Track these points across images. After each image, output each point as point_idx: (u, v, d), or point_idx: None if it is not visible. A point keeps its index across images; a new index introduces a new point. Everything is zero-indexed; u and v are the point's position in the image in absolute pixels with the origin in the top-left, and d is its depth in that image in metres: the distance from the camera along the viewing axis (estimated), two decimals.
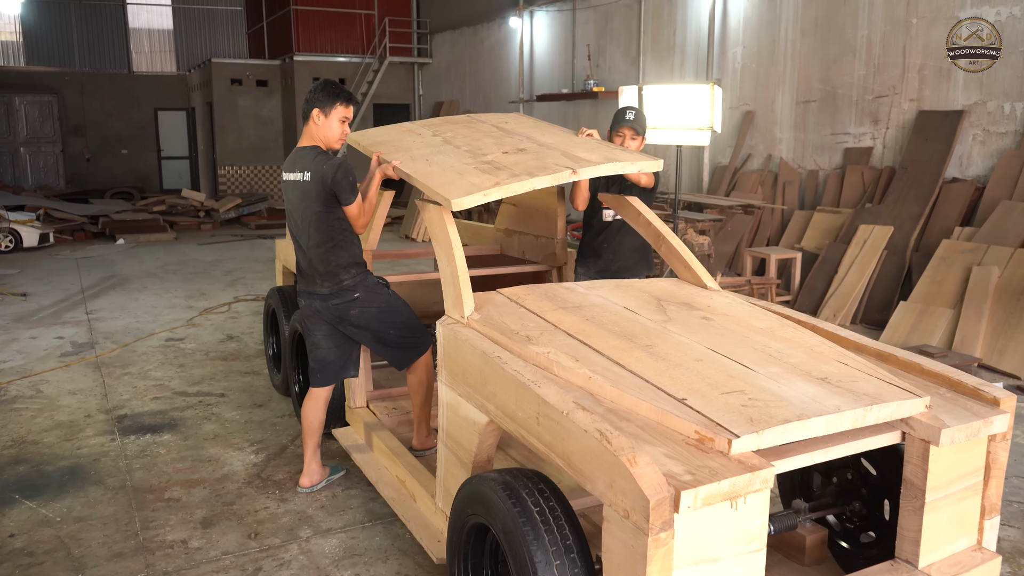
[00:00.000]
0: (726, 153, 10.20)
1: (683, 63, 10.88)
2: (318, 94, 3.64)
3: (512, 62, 14.69)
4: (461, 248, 3.26)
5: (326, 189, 3.54)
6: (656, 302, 3.31)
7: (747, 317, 3.18)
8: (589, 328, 2.94)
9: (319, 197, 3.56)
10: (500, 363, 2.67)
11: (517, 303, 3.24)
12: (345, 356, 3.86)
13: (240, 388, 5.51)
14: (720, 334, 2.94)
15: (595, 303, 3.25)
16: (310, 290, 3.72)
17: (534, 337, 2.85)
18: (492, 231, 5.52)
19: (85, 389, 5.49)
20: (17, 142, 19.88)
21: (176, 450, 4.47)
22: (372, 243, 4.28)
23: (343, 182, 3.54)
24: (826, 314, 7.52)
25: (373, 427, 4.12)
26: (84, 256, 11.15)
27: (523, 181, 3.30)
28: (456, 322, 3.10)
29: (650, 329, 2.95)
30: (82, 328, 7.16)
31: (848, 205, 8.48)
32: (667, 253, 3.75)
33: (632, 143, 4.19)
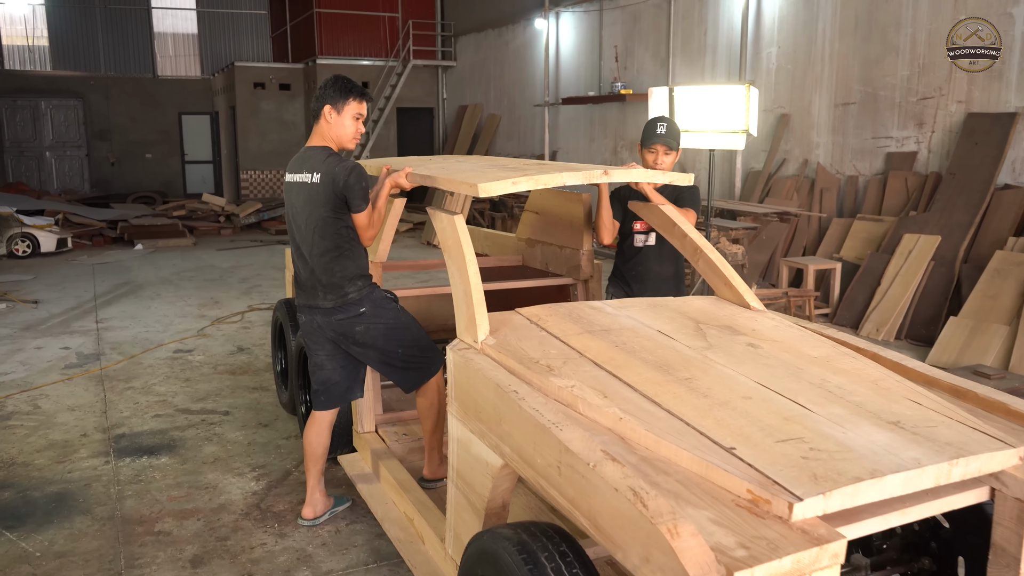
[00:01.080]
0: (759, 158, 9.78)
1: (714, 64, 10.48)
2: (329, 90, 3.35)
3: (537, 64, 14.37)
4: (475, 263, 2.92)
5: (336, 193, 3.24)
6: (694, 325, 2.94)
7: (798, 344, 2.81)
8: (619, 357, 2.59)
9: (328, 201, 3.25)
10: (516, 399, 2.32)
11: (538, 325, 2.90)
12: (351, 377, 3.54)
13: (246, 405, 5.21)
14: (769, 365, 2.57)
15: (625, 326, 2.90)
16: (311, 304, 3.40)
17: (556, 367, 2.51)
18: (513, 240, 5.18)
19: (85, 405, 5.22)
20: (43, 146, 19.91)
21: (172, 475, 4.17)
22: (382, 254, 3.96)
23: (356, 186, 3.23)
24: (868, 329, 7.09)
25: (381, 455, 3.79)
26: (101, 261, 10.98)
27: (553, 175, 2.97)
28: (468, 347, 2.76)
29: (689, 358, 2.59)
30: (90, 338, 6.93)
31: (890, 213, 8.04)
32: (705, 268, 3.39)
33: (666, 158, 3.84)
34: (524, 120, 15.07)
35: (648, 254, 3.95)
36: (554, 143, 14.10)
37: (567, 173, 3.03)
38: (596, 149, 12.98)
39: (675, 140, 3.83)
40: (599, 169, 3.13)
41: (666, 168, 3.84)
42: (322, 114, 3.35)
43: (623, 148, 12.29)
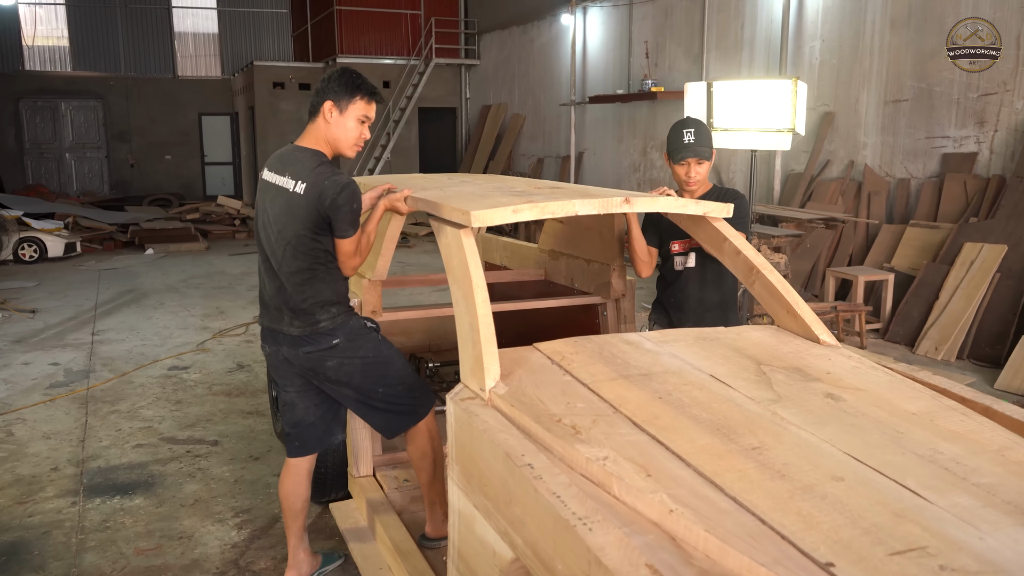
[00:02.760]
0: (801, 159, 9.13)
1: (752, 60, 9.85)
2: (333, 84, 2.79)
3: (564, 62, 13.79)
4: (485, 289, 2.37)
5: (320, 211, 2.68)
6: (755, 367, 2.37)
7: (889, 393, 2.23)
8: (664, 413, 2.03)
9: (308, 218, 2.70)
10: (531, 477, 1.77)
11: (561, 367, 2.34)
12: (328, 417, 3.01)
13: (238, 434, 4.70)
14: (859, 426, 2.00)
15: (670, 368, 2.33)
16: (275, 328, 2.86)
17: (584, 429, 1.95)
18: (535, 252, 4.61)
19: (62, 432, 4.75)
20: (63, 148, 19.67)
21: (144, 520, 3.67)
22: (382, 272, 3.42)
23: (344, 208, 2.67)
24: (926, 347, 6.44)
25: (377, 507, 3.25)
26: (108, 267, 10.58)
27: (563, 202, 2.45)
28: (473, 397, 2.21)
29: (754, 417, 2.02)
30: (82, 352, 6.47)
31: (947, 219, 7.37)
32: (763, 292, 2.81)
33: (699, 168, 3.27)
34: (549, 120, 14.50)
35: (688, 278, 3.38)
36: (580, 144, 13.52)
37: (580, 200, 2.50)
38: (625, 150, 12.39)
39: (707, 147, 3.25)
40: (619, 196, 2.59)
41: (700, 178, 3.30)
42: (321, 110, 2.80)
43: (653, 149, 11.68)
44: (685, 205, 2.84)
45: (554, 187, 3.17)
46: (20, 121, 19.10)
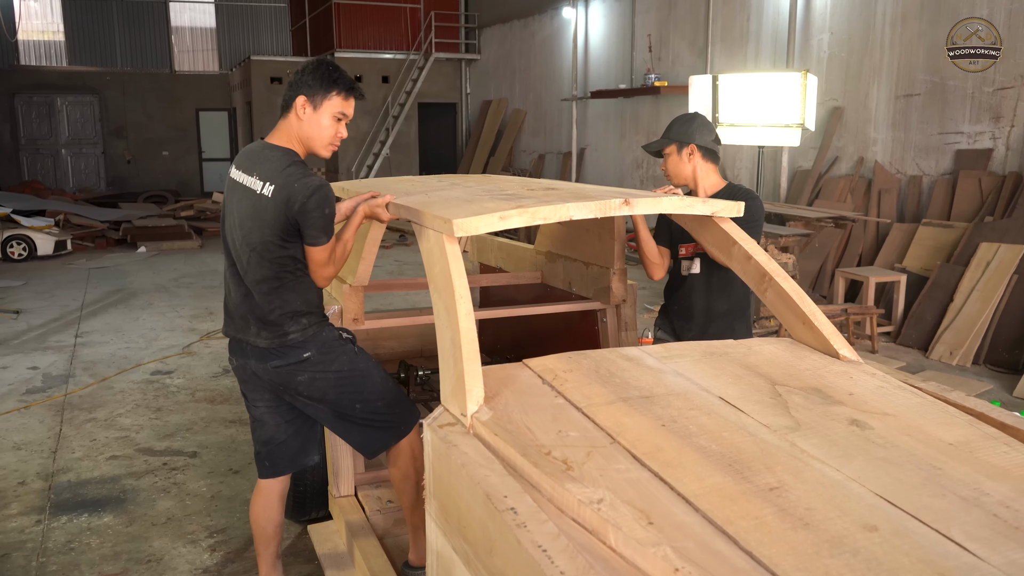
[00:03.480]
0: (809, 156, 8.87)
1: (758, 54, 9.58)
2: (307, 77, 2.51)
3: (565, 56, 13.53)
4: (469, 301, 2.13)
5: (289, 216, 2.42)
6: (769, 387, 2.13)
7: (920, 419, 1.98)
8: (668, 445, 1.78)
9: (276, 223, 2.45)
10: (514, 524, 1.52)
11: (552, 387, 2.10)
12: (302, 435, 2.77)
13: (218, 445, 4.47)
14: (891, 460, 1.75)
15: (674, 389, 2.09)
16: (242, 339, 2.62)
17: (576, 464, 1.71)
18: (531, 253, 4.37)
19: (34, 442, 4.52)
20: (59, 144, 19.47)
21: (112, 541, 3.43)
22: (363, 277, 3.18)
23: (315, 213, 2.41)
24: (940, 352, 6.19)
25: (357, 530, 3.01)
26: (98, 266, 10.34)
27: (556, 206, 2.21)
28: (453, 423, 1.97)
29: (770, 448, 1.78)
30: (63, 356, 6.24)
31: (961, 218, 7.11)
32: (776, 301, 2.56)
33: (666, 163, 3.12)
34: (551, 115, 14.24)
35: (693, 285, 3.14)
36: (582, 140, 13.27)
37: (575, 204, 2.26)
38: (627, 146, 12.13)
39: (667, 139, 3.09)
40: (617, 198, 2.34)
41: (671, 172, 3.12)
42: (293, 106, 2.53)
43: None
44: (691, 204, 2.59)
45: (549, 188, 2.93)
46: (15, 117, 18.89)
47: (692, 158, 3.06)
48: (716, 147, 3.11)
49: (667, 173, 3.14)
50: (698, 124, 3.08)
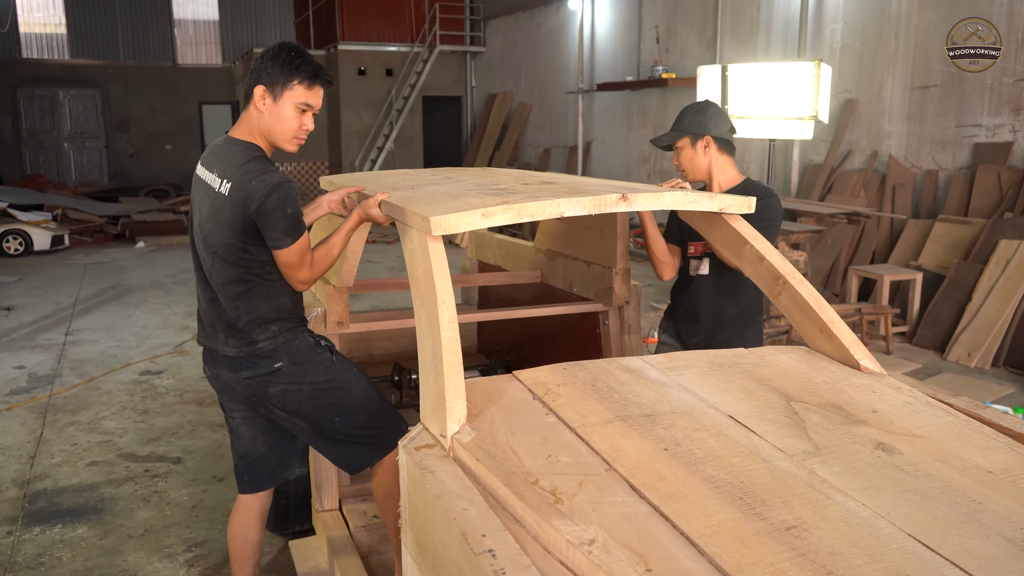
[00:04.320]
0: (820, 149, 8.62)
1: (768, 45, 9.33)
2: (267, 63, 2.28)
3: (571, 48, 13.28)
4: (453, 307, 1.93)
5: (247, 217, 2.21)
6: (784, 404, 1.92)
7: (953, 441, 1.78)
8: (671, 473, 1.58)
9: (235, 224, 2.23)
10: (491, 571, 1.32)
11: (544, 404, 1.90)
12: (281, 448, 2.58)
13: (204, 450, 4.28)
14: (923, 493, 1.54)
15: (678, 407, 1.88)
16: (212, 347, 2.43)
17: (566, 495, 1.51)
18: (531, 251, 4.16)
19: (12, 447, 4.34)
20: (61, 137, 19.30)
21: (84, 554, 3.25)
22: (347, 278, 2.98)
23: (275, 214, 2.19)
24: (957, 353, 5.96)
25: (339, 549, 2.82)
26: (95, 261, 10.18)
27: (545, 202, 2.00)
28: (432, 445, 1.77)
29: (786, 478, 1.57)
30: (52, 355, 6.07)
31: (979, 214, 6.87)
32: (790, 306, 2.35)
33: (678, 156, 2.92)
34: (556, 108, 14.01)
35: (700, 287, 2.93)
36: (588, 133, 13.03)
37: (566, 200, 2.05)
38: (634, 139, 11.89)
39: (676, 131, 2.88)
40: (614, 194, 2.12)
41: (684, 166, 2.91)
42: (252, 97, 2.31)
43: None
44: (696, 200, 2.37)
45: (545, 182, 2.71)
46: (17, 110, 18.73)
47: (708, 151, 2.85)
48: (732, 137, 2.90)
49: (680, 168, 2.93)
50: (712, 113, 2.86)
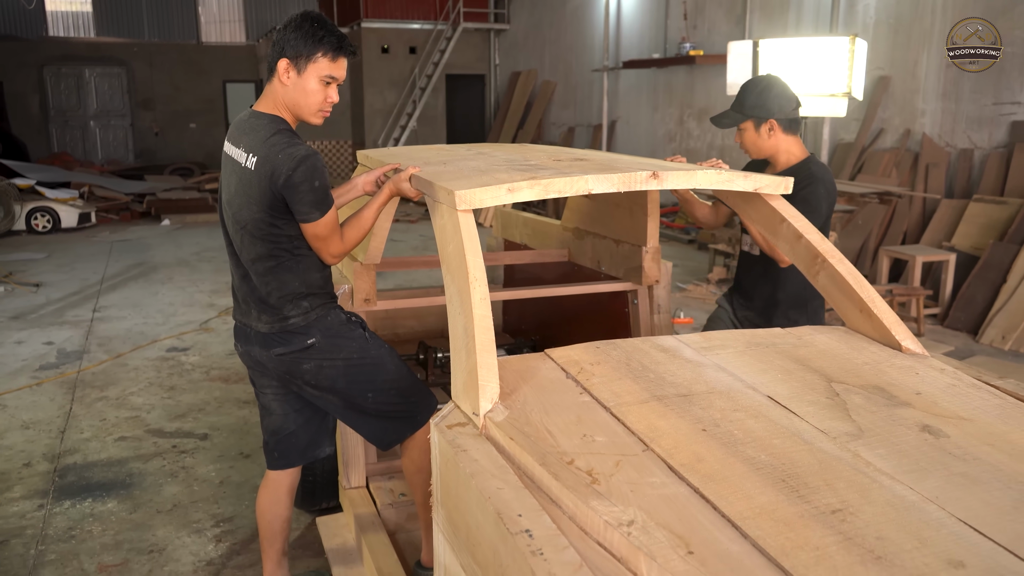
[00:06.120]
0: (851, 128, 8.46)
1: (799, 20, 9.14)
2: (290, 35, 2.24)
3: (597, 25, 13.12)
4: (485, 284, 1.89)
5: (274, 191, 2.19)
6: (824, 385, 1.87)
7: (1002, 424, 1.72)
8: (710, 454, 1.54)
9: (262, 199, 2.21)
10: (528, 551, 1.30)
11: (578, 383, 1.86)
12: (313, 425, 2.56)
13: (230, 427, 4.30)
14: (972, 476, 1.49)
15: (716, 386, 1.84)
16: (245, 323, 2.43)
17: (603, 476, 1.47)
18: (558, 229, 4.11)
19: (43, 421, 4.38)
20: (87, 115, 19.42)
21: (114, 529, 3.28)
22: (375, 254, 2.96)
23: (303, 187, 2.17)
24: (991, 336, 5.85)
25: (367, 525, 2.82)
26: (121, 239, 10.25)
27: (573, 178, 1.97)
28: (464, 423, 1.74)
29: (830, 460, 1.52)
30: (80, 331, 6.12)
31: (1016, 194, 6.71)
32: (829, 285, 2.29)
33: (741, 135, 2.87)
34: (581, 87, 13.87)
35: (752, 265, 2.89)
36: (613, 112, 12.89)
37: (594, 176, 2.01)
38: (660, 119, 11.75)
39: (740, 113, 2.79)
40: (644, 171, 2.08)
41: (746, 145, 2.85)
42: (276, 71, 2.28)
43: (690, 117, 11.03)
44: (731, 180, 2.30)
45: (578, 158, 2.66)
46: (44, 88, 18.86)
47: (773, 134, 2.76)
48: (798, 114, 2.80)
49: (743, 146, 2.86)
50: (776, 93, 2.76)
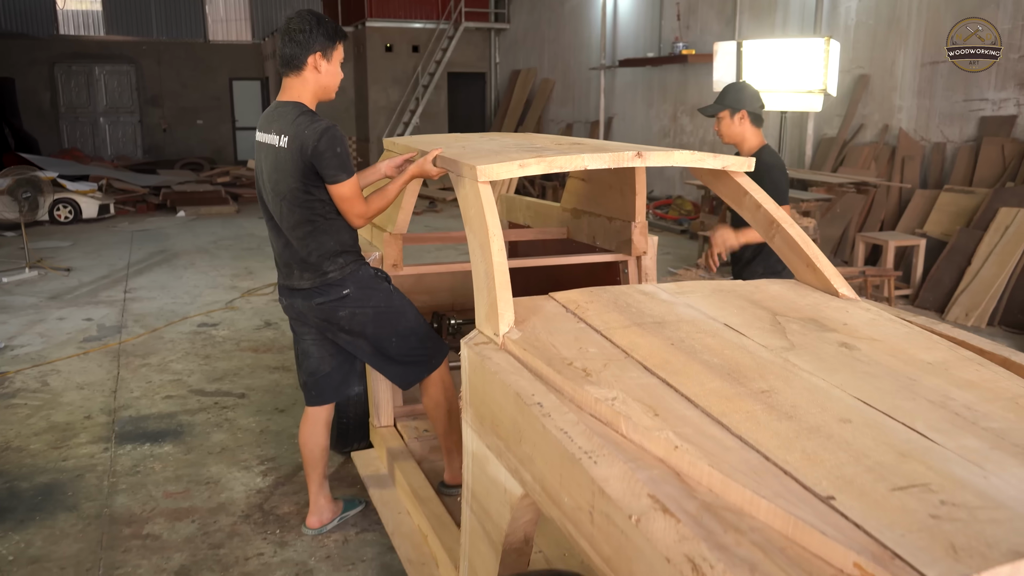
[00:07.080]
0: (834, 123, 8.97)
1: (786, 21, 9.64)
2: (317, 34, 2.76)
3: (594, 25, 13.62)
4: (501, 238, 2.39)
5: (305, 161, 2.70)
6: (770, 317, 2.37)
7: (905, 344, 2.22)
8: (675, 359, 2.04)
9: (296, 170, 2.72)
10: (539, 414, 1.80)
11: (575, 315, 2.36)
12: (345, 367, 3.06)
13: (264, 387, 4.80)
14: (871, 373, 1.99)
15: (684, 317, 2.34)
16: (289, 284, 2.93)
17: (595, 372, 1.97)
18: (557, 211, 4.62)
19: (95, 383, 4.88)
20: (97, 112, 19.90)
21: (173, 466, 3.78)
22: (402, 225, 3.45)
23: (327, 153, 2.68)
24: (956, 313, 6.36)
25: (397, 455, 3.32)
26: (140, 229, 10.75)
27: (572, 156, 2.50)
28: (487, 342, 2.24)
29: (765, 363, 2.03)
30: (115, 309, 6.62)
31: (983, 184, 7.22)
32: (782, 245, 2.80)
33: (718, 125, 3.63)
34: (579, 85, 14.37)
35: (743, 251, 3.54)
36: (610, 109, 13.40)
37: (589, 155, 2.53)
38: (655, 115, 12.25)
39: (719, 104, 3.58)
40: (631, 151, 2.59)
41: (724, 133, 3.63)
42: (306, 64, 2.79)
43: (683, 114, 11.53)
44: (702, 159, 2.80)
45: (575, 143, 3.17)
46: (55, 85, 19.33)
47: (743, 122, 3.53)
48: (762, 112, 3.56)
49: (719, 132, 3.62)
50: (748, 92, 3.56)
